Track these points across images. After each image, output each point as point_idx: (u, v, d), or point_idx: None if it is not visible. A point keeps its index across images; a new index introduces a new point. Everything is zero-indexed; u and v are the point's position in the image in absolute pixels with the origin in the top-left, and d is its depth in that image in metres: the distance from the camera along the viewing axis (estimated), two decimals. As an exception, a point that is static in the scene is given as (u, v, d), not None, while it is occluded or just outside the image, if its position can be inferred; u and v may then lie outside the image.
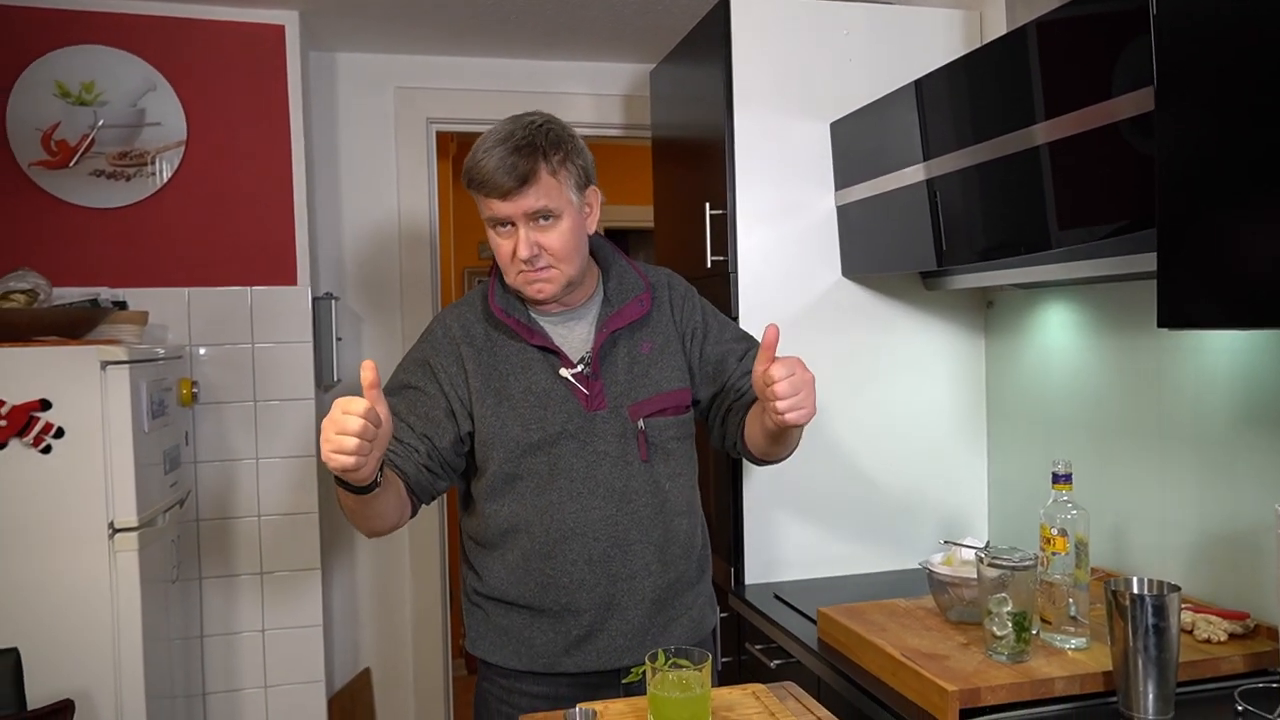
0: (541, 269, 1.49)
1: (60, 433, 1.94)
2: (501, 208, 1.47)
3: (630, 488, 1.55)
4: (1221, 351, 1.64)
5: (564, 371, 1.54)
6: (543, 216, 1.47)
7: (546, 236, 1.48)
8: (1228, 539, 1.64)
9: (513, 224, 1.48)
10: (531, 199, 1.46)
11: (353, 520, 1.46)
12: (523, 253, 1.47)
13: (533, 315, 1.58)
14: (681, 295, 1.67)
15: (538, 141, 1.46)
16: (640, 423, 1.56)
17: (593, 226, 1.57)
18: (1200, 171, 1.18)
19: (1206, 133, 1.18)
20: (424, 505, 1.56)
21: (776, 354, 1.40)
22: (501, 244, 1.51)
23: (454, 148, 4.47)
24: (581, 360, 1.55)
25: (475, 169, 1.47)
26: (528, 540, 1.53)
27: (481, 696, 1.63)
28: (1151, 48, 1.21)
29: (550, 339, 1.56)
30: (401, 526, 1.54)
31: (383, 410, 1.26)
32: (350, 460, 1.22)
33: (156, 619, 2.12)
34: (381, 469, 1.33)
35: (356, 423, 1.21)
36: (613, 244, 1.68)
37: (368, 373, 1.25)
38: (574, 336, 1.58)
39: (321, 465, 2.71)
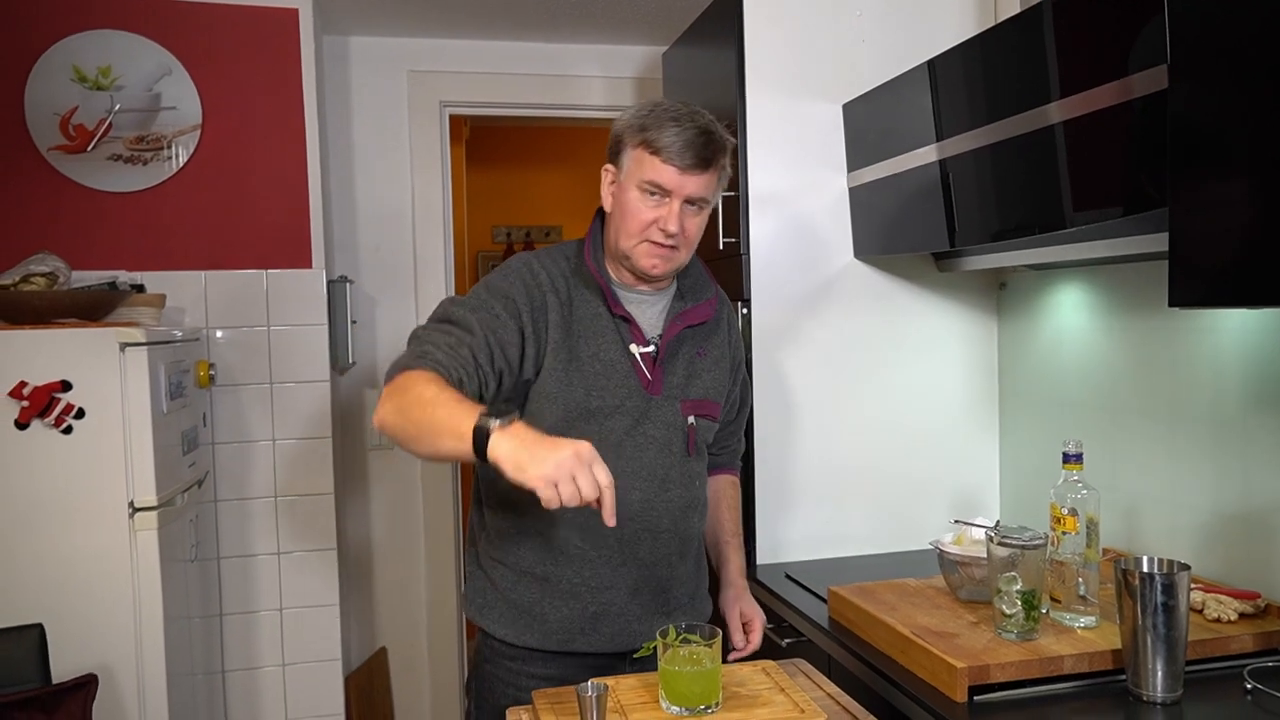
0: (670, 247, 1.52)
1: (81, 413, 1.97)
2: (673, 179, 1.48)
3: (670, 477, 1.57)
4: (1234, 331, 1.64)
5: (634, 348, 1.55)
6: (695, 203, 1.52)
7: (691, 222, 1.53)
8: (1240, 519, 1.64)
9: (668, 196, 1.50)
10: (701, 184, 1.50)
11: (419, 448, 1.35)
12: (672, 227, 1.49)
13: (614, 286, 1.58)
14: (736, 324, 1.75)
15: (717, 136, 1.52)
16: (691, 419, 1.59)
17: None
18: (1212, 149, 1.18)
19: (1219, 110, 1.17)
20: None
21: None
22: (644, 210, 1.51)
23: (467, 131, 4.48)
24: (652, 341, 1.57)
25: (660, 133, 1.48)
26: (559, 508, 1.52)
27: (486, 680, 1.59)
28: (1165, 25, 1.20)
29: (628, 311, 1.57)
30: None
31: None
32: (556, 502, 1.20)
33: (176, 597, 2.15)
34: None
35: (595, 492, 1.22)
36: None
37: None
38: (644, 318, 1.59)
39: (337, 447, 2.74)
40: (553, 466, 1.20)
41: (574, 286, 1.56)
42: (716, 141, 1.51)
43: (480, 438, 1.23)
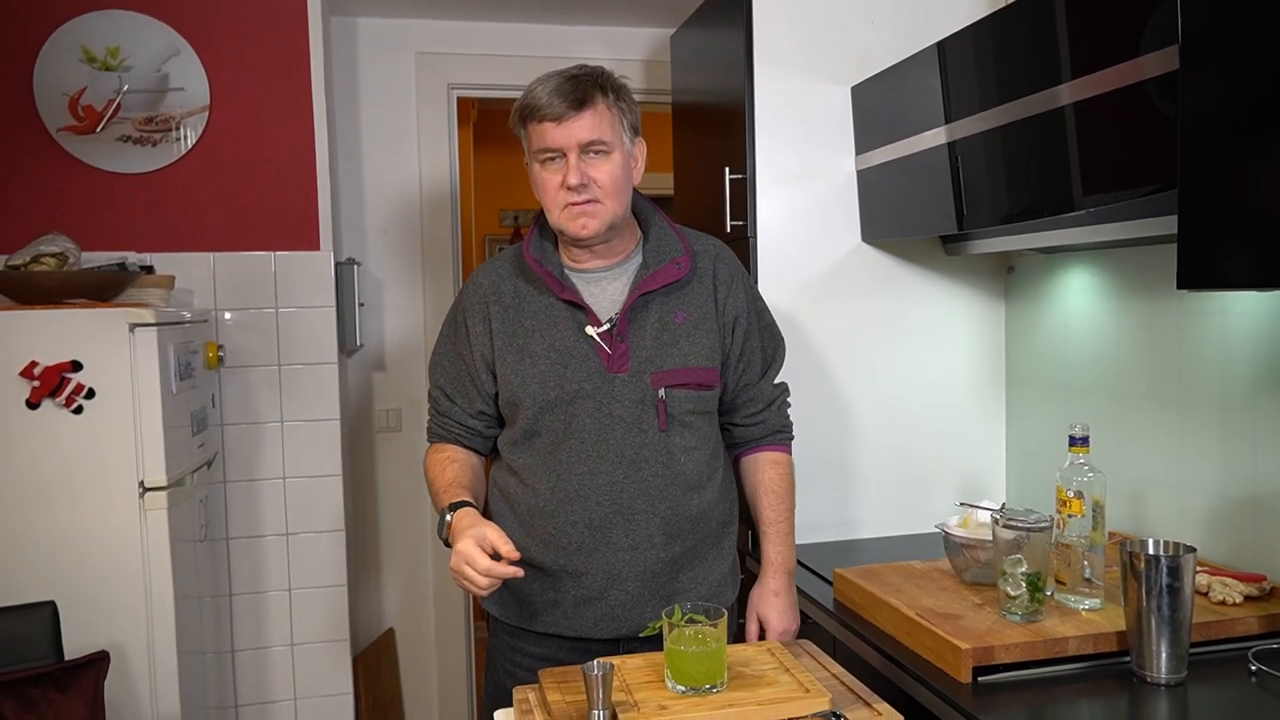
0: (588, 202, 1.48)
1: (91, 393, 1.98)
2: (555, 134, 1.46)
3: (642, 456, 1.53)
4: (1243, 315, 1.63)
5: (590, 330, 1.53)
6: (594, 150, 1.48)
7: (597, 170, 1.48)
8: (1247, 503, 1.64)
9: (563, 155, 1.48)
10: (587, 125, 1.46)
11: None
12: (572, 179, 1.46)
13: (566, 271, 1.57)
14: (729, 276, 1.62)
15: (594, 75, 1.49)
16: (661, 392, 1.53)
17: (638, 178, 1.57)
18: (1223, 130, 1.17)
19: (1230, 92, 1.17)
20: None
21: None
22: (548, 178, 1.50)
23: (474, 114, 4.47)
24: (609, 320, 1.54)
25: (529, 97, 1.49)
26: (533, 497, 1.55)
27: (490, 654, 1.67)
28: (1177, 6, 1.19)
29: (580, 295, 1.55)
30: None
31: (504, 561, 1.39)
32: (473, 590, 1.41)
33: (186, 576, 2.17)
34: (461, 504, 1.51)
35: (485, 581, 1.38)
36: (656, 205, 1.66)
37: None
38: (605, 296, 1.57)
39: (345, 429, 2.75)
40: (455, 571, 1.41)
41: (519, 286, 1.58)
42: (585, 82, 1.47)
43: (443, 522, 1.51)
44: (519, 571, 1.39)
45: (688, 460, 1.56)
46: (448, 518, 1.49)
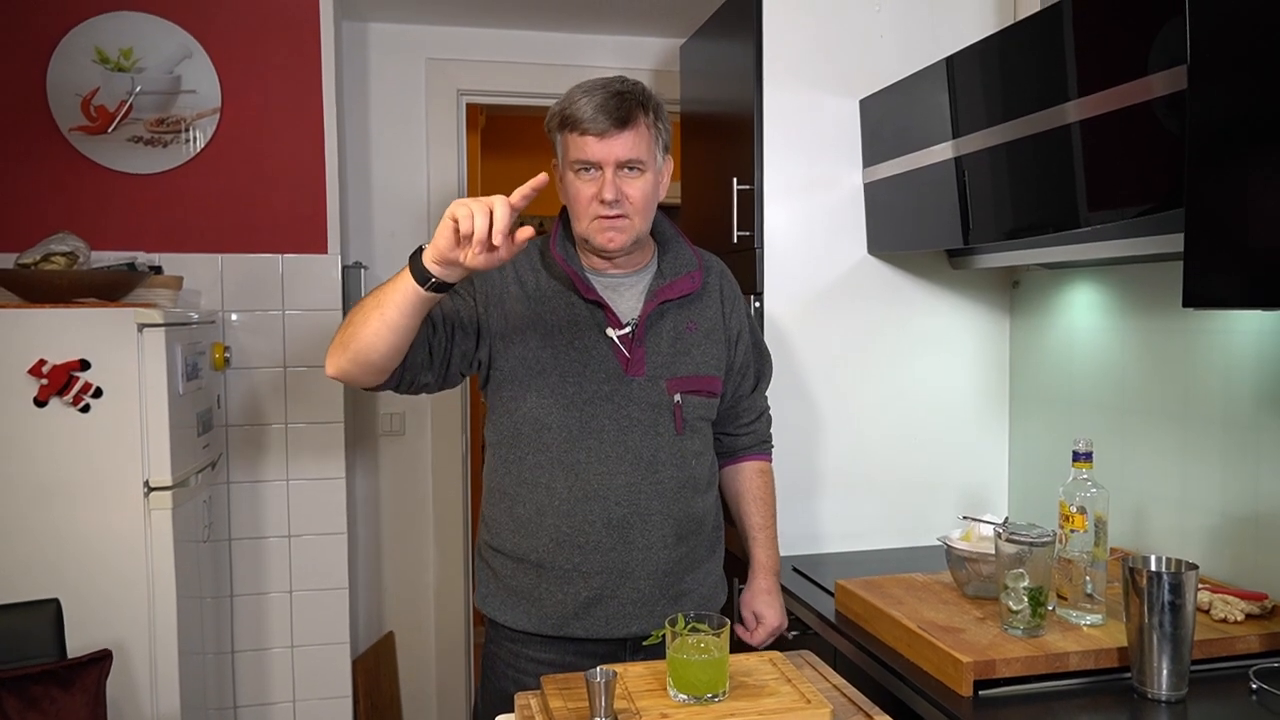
0: (618, 216, 1.52)
1: (99, 392, 1.99)
2: (595, 149, 1.49)
3: (658, 459, 1.57)
4: (1248, 333, 1.64)
5: (610, 332, 1.56)
6: (630, 167, 1.51)
7: (630, 187, 1.52)
8: (1249, 521, 1.65)
9: (599, 168, 1.50)
10: (627, 144, 1.49)
11: (364, 334, 1.38)
12: (608, 194, 1.49)
13: (587, 273, 1.59)
14: (733, 293, 1.71)
15: (638, 94, 1.51)
16: (677, 397, 1.58)
17: (663, 193, 1.60)
18: (1230, 150, 1.18)
19: (1238, 111, 1.17)
20: (391, 387, 1.49)
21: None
22: (582, 188, 1.52)
23: (483, 120, 4.49)
24: (629, 323, 1.57)
25: (573, 107, 1.50)
26: (547, 495, 1.55)
27: (490, 661, 1.65)
28: (1186, 25, 1.20)
29: (601, 297, 1.57)
30: (376, 373, 1.44)
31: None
32: (464, 227, 1.24)
33: (189, 576, 2.17)
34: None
35: (486, 213, 1.24)
36: (671, 220, 1.70)
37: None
38: (621, 301, 1.60)
39: (349, 432, 2.76)
40: (451, 210, 1.26)
41: (544, 279, 1.59)
42: (630, 100, 1.50)
43: (414, 258, 1.32)
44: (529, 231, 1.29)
45: (697, 464, 1.62)
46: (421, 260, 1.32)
